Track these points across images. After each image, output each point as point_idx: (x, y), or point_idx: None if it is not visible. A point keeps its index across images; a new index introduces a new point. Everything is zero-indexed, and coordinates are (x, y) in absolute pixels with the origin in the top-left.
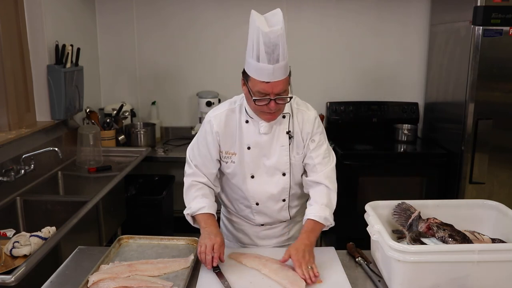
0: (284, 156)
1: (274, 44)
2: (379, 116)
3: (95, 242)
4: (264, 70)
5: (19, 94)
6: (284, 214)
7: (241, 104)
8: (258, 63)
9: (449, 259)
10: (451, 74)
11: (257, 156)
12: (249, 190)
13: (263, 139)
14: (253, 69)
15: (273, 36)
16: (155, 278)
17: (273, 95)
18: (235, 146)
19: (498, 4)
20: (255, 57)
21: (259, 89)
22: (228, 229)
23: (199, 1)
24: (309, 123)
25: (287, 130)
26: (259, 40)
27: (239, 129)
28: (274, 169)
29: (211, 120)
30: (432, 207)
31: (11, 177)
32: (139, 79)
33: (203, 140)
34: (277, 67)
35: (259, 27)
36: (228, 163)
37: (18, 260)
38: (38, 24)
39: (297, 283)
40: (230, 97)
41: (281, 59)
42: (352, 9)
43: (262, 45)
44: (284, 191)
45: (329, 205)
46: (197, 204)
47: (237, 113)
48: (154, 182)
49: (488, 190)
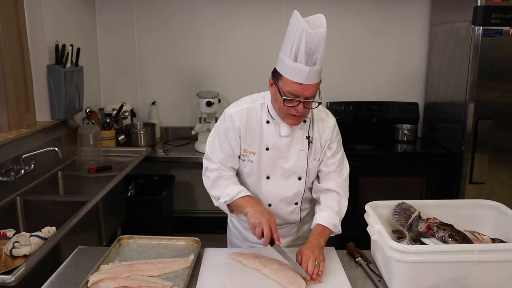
0: (302, 161)
1: (316, 46)
2: (379, 116)
3: (95, 242)
4: (299, 71)
5: (19, 94)
6: (295, 217)
7: (263, 103)
8: (295, 63)
9: (449, 259)
10: (451, 74)
11: (274, 157)
12: (263, 191)
13: (283, 141)
14: (288, 68)
15: (317, 37)
16: (155, 278)
17: (303, 97)
18: (254, 145)
19: (498, 4)
20: (293, 57)
21: (290, 89)
22: (236, 227)
23: (199, 1)
24: (328, 130)
25: (307, 135)
26: (301, 40)
27: (260, 128)
28: (291, 173)
29: (232, 115)
30: (432, 207)
31: (11, 177)
32: (139, 79)
33: (224, 136)
34: (313, 70)
35: (304, 27)
36: (245, 162)
37: (18, 260)
38: (38, 24)
39: (297, 283)
40: (230, 97)
41: (318, 63)
42: (352, 9)
43: (303, 45)
44: (298, 195)
45: (339, 213)
46: (233, 190)
47: (258, 112)
48: (154, 182)
49: (488, 190)
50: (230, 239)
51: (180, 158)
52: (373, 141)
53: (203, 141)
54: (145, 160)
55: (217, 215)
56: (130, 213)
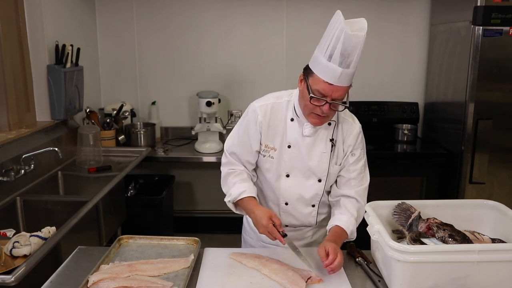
0: (324, 163)
1: (353, 48)
2: (379, 116)
3: (95, 242)
4: (332, 71)
5: (19, 94)
6: (311, 220)
7: (289, 100)
8: (328, 62)
9: (449, 259)
10: (451, 74)
11: (296, 156)
12: (281, 188)
13: (306, 141)
14: (321, 67)
15: (356, 40)
16: (155, 278)
17: (331, 98)
18: (276, 141)
19: (498, 4)
20: (328, 56)
21: (319, 88)
22: (251, 227)
23: (199, 1)
24: (352, 136)
25: (330, 138)
26: (339, 39)
27: (284, 125)
28: (311, 173)
29: (256, 109)
30: (432, 207)
31: (11, 177)
32: (139, 79)
33: (245, 128)
34: (346, 72)
35: (344, 28)
36: (265, 157)
37: (18, 260)
38: (38, 24)
39: (297, 282)
40: (230, 97)
41: (352, 66)
42: (352, 9)
43: (340, 45)
44: (316, 197)
45: (357, 220)
46: (237, 190)
47: (283, 109)
48: (154, 182)
49: (488, 190)
50: (244, 238)
51: (180, 158)
52: (373, 141)
53: (203, 141)
54: (145, 160)
55: (217, 215)
56: (130, 213)
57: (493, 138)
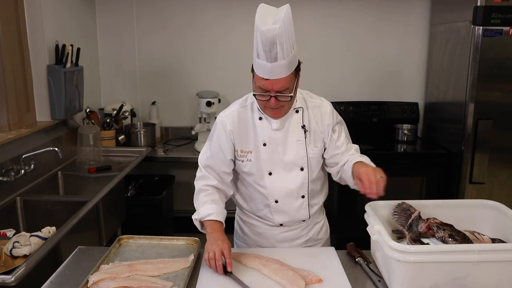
0: (301, 151)
1: (271, 42)
2: (379, 116)
3: (95, 242)
4: (263, 67)
5: (19, 94)
6: (304, 212)
7: (253, 101)
8: (258, 60)
9: (449, 259)
10: (451, 74)
11: (273, 152)
12: (268, 187)
13: (278, 135)
14: (255, 65)
15: (270, 35)
16: (155, 278)
17: (274, 92)
18: (250, 144)
19: (498, 4)
20: (256, 53)
21: (260, 85)
22: (244, 232)
23: (199, 1)
24: (327, 115)
25: (302, 125)
26: (257, 37)
27: (253, 126)
28: (292, 165)
29: (223, 120)
30: (432, 207)
31: (11, 177)
32: (139, 79)
33: (216, 141)
34: (276, 66)
35: (257, 24)
36: (244, 162)
37: (18, 260)
38: (38, 24)
39: (296, 282)
40: (230, 97)
41: (280, 58)
42: (352, 9)
43: (260, 42)
44: (303, 187)
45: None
46: (205, 210)
47: (249, 111)
48: (154, 182)
49: (488, 190)
50: (236, 242)
51: (180, 158)
52: (373, 141)
53: (203, 141)
54: (145, 160)
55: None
56: (130, 213)
57: (493, 138)
